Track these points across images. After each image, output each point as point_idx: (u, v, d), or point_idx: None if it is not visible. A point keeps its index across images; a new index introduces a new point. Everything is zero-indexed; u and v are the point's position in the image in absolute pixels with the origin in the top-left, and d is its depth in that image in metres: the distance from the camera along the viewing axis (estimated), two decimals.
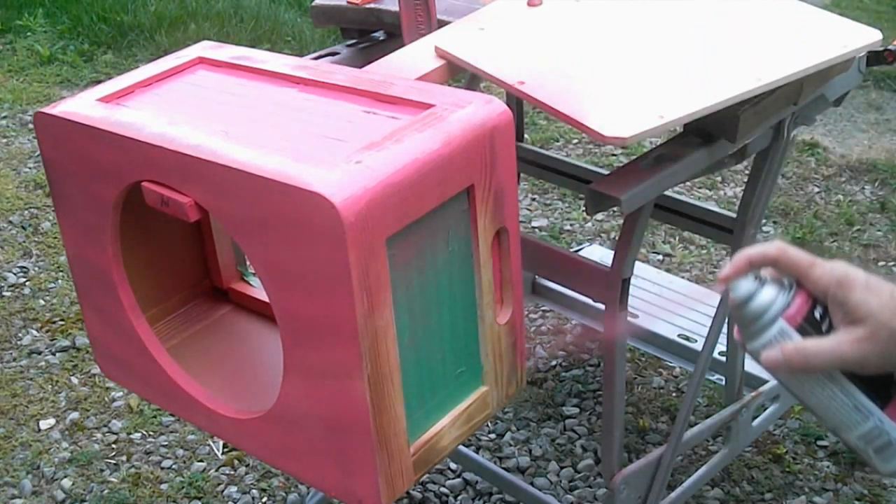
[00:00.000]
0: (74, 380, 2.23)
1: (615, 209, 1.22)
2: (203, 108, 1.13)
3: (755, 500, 1.89)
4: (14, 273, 2.62)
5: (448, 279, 1.03)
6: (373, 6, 1.57)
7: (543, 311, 2.43)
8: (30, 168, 3.18)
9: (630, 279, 1.34)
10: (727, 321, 1.61)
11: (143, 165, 1.05)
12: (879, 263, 2.63)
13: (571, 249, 2.48)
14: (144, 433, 2.07)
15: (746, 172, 2.39)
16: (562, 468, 1.97)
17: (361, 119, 1.05)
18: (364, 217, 0.88)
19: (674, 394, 2.16)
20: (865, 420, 0.79)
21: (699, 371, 1.55)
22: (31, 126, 3.27)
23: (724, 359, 1.84)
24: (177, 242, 1.36)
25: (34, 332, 2.39)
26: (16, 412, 2.13)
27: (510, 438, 2.04)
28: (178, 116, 1.09)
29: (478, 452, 1.98)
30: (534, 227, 2.81)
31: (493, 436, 2.05)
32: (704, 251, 2.68)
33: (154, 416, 2.11)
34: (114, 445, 2.04)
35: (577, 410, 2.11)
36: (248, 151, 0.96)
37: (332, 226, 0.88)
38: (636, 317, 2.04)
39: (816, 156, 3.21)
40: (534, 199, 2.96)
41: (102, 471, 1.98)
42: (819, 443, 2.02)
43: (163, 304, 1.34)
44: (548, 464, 1.97)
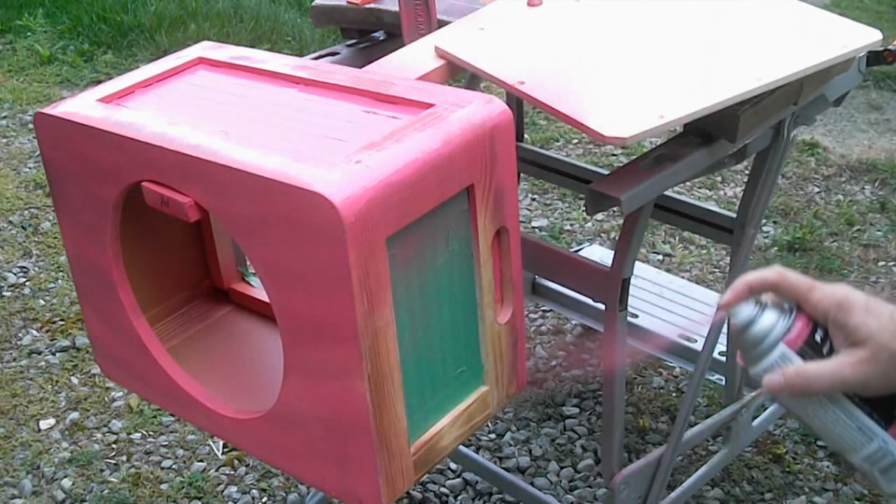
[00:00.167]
0: (74, 380, 2.23)
1: (615, 209, 1.22)
2: (203, 108, 1.13)
3: (755, 500, 1.89)
4: (14, 273, 2.62)
5: (448, 279, 1.03)
6: (373, 6, 1.57)
7: (543, 311, 2.42)
8: (30, 168, 3.18)
9: (630, 279, 1.34)
10: (727, 321, 1.61)
11: (143, 165, 1.05)
12: (879, 263, 2.63)
13: (571, 249, 2.48)
14: (144, 433, 2.07)
15: (746, 172, 2.39)
16: (562, 468, 1.97)
17: (361, 119, 1.05)
18: (364, 217, 0.88)
19: (674, 394, 2.16)
20: (870, 441, 0.79)
21: (699, 371, 1.55)
22: (31, 126, 3.27)
23: (724, 359, 1.84)
24: (177, 242, 1.36)
25: (34, 332, 2.39)
26: (16, 412, 2.13)
27: (510, 438, 2.04)
28: (178, 116, 1.09)
29: (478, 452, 1.98)
30: (534, 227, 2.81)
31: (493, 436, 2.05)
32: (704, 251, 2.68)
33: (154, 416, 2.11)
34: (114, 445, 2.04)
35: (577, 410, 2.11)
36: (248, 151, 0.96)
37: (333, 225, 0.88)
38: (636, 317, 2.04)
39: (816, 156, 3.21)
40: (534, 199, 2.96)
41: (102, 471, 1.98)
42: (819, 443, 2.02)
43: (163, 305, 1.34)
44: (548, 464, 1.97)
